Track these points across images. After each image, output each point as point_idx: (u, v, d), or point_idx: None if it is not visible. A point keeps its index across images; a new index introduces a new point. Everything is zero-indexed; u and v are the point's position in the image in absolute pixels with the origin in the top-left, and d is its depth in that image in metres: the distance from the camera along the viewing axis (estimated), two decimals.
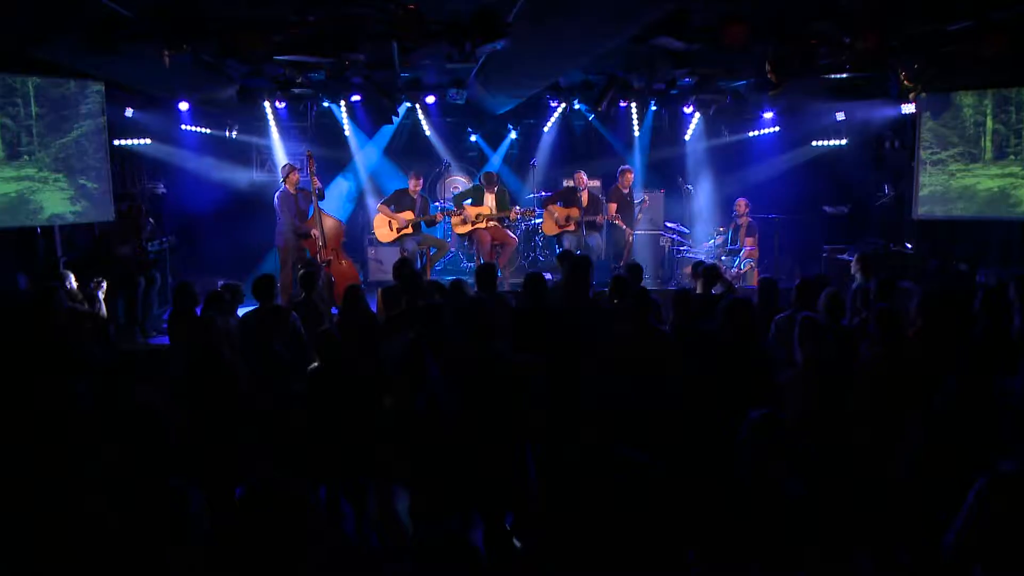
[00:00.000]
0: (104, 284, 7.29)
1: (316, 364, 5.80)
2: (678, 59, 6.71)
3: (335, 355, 5.74)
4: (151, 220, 9.96)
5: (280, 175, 10.26)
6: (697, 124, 13.13)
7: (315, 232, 9.79)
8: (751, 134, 13.30)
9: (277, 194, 10.03)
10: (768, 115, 12.50)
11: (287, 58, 6.59)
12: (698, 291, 8.02)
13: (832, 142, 12.62)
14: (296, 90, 11.00)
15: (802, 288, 7.00)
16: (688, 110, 12.45)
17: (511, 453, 5.07)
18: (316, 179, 9.98)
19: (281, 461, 5.61)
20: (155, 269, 9.24)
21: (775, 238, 10.99)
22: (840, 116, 12.06)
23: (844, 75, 7.17)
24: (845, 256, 10.58)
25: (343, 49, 6.45)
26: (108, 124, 9.71)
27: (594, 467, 3.64)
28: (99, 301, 7.21)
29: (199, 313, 6.67)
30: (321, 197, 10.11)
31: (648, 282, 10.34)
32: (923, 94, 8.43)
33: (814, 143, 12.75)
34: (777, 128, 12.78)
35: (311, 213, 9.97)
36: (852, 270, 8.28)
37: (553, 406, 5.32)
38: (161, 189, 11.16)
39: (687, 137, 13.35)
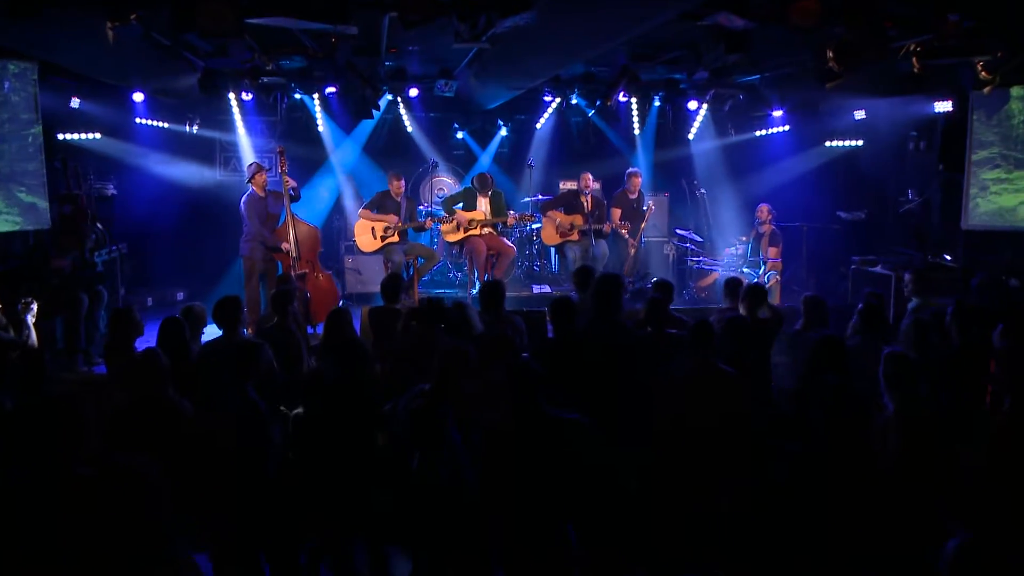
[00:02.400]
0: (34, 306, 6.00)
1: (299, 410, 4.67)
2: (733, 41, 5.64)
3: (327, 403, 4.61)
4: (99, 226, 8.65)
5: (246, 175, 9.02)
6: (700, 123, 12.12)
7: (286, 244, 8.59)
8: (758, 133, 12.35)
9: (244, 197, 8.83)
10: (778, 113, 11.54)
11: (265, 21, 5.35)
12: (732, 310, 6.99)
13: (848, 143, 11.71)
14: (266, 79, 9.82)
15: (869, 313, 6.00)
16: (693, 106, 11.48)
17: (549, 523, 3.95)
18: (288, 179, 8.78)
19: (253, 524, 4.50)
20: (101, 284, 7.94)
21: (803, 248, 9.96)
22: (859, 115, 11.12)
23: (916, 64, 6.15)
24: (877, 269, 9.59)
25: (333, 19, 5.24)
26: (49, 116, 8.44)
27: None
28: (28, 327, 5.93)
29: (144, 346, 5.47)
30: (295, 199, 8.91)
31: None
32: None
33: (828, 143, 11.84)
34: (787, 127, 11.80)
35: (283, 219, 8.77)
36: (905, 290, 7.31)
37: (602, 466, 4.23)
38: (111, 190, 9.86)
39: (691, 136, 12.35)
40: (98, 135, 10.19)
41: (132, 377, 4.65)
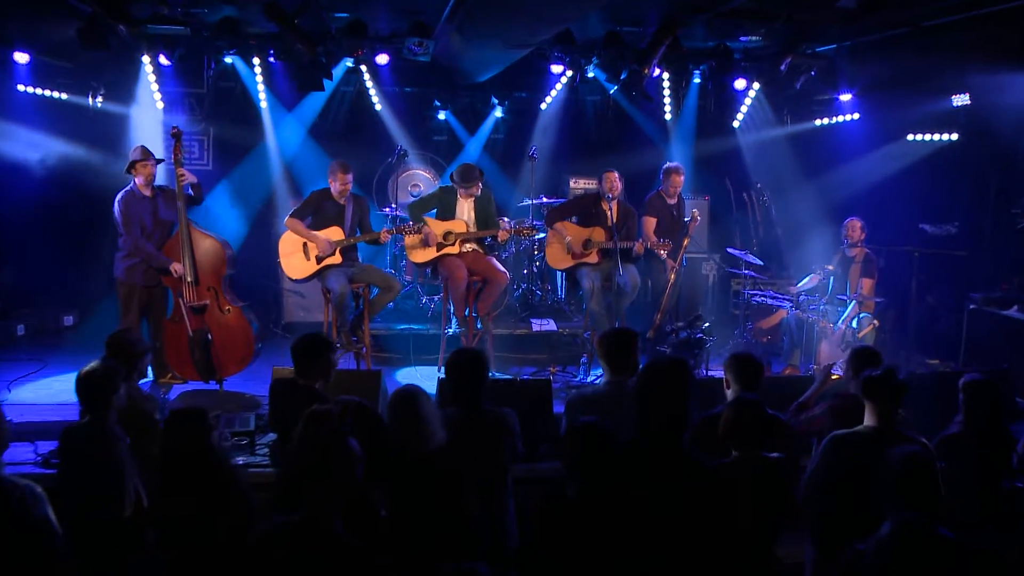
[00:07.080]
0: None
1: None
2: None
3: None
4: None
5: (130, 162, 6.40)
6: (748, 107, 9.68)
7: (177, 265, 6.01)
8: (818, 123, 9.94)
9: (119, 195, 6.23)
10: (846, 97, 9.18)
11: None
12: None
13: (938, 136, 9.24)
14: (172, 28, 7.31)
15: None
16: (740, 85, 9.03)
17: None
18: (185, 172, 6.17)
19: None
20: None
21: (911, 283, 7.31)
22: (960, 100, 8.65)
23: None
24: (1013, 313, 6.95)
25: None
26: None
27: None
28: None
29: None
30: (194, 199, 6.33)
31: None
32: None
33: (910, 137, 9.35)
34: (857, 115, 9.39)
35: (176, 229, 6.16)
36: None
37: None
38: None
39: (735, 124, 9.92)
40: None
41: None
